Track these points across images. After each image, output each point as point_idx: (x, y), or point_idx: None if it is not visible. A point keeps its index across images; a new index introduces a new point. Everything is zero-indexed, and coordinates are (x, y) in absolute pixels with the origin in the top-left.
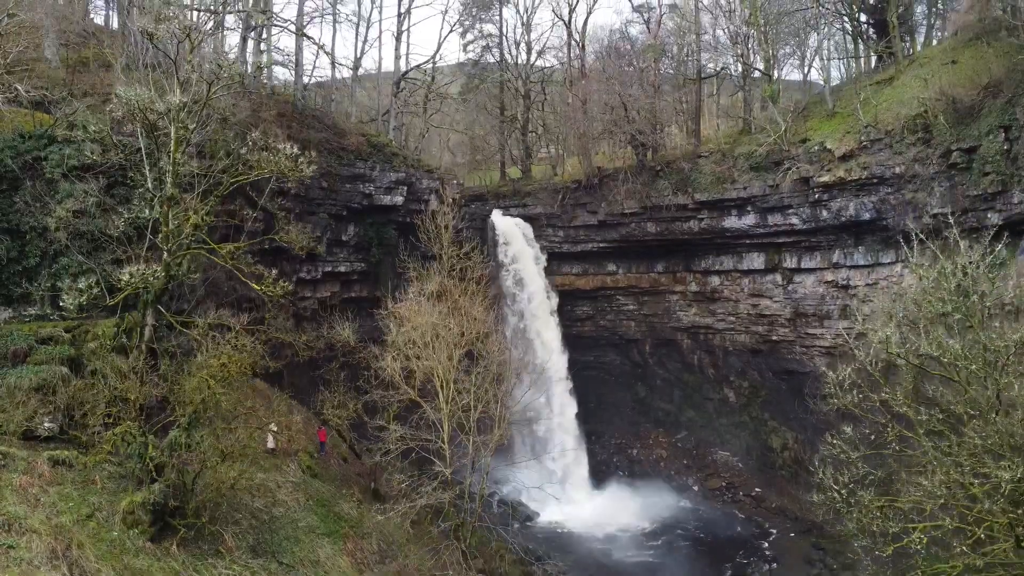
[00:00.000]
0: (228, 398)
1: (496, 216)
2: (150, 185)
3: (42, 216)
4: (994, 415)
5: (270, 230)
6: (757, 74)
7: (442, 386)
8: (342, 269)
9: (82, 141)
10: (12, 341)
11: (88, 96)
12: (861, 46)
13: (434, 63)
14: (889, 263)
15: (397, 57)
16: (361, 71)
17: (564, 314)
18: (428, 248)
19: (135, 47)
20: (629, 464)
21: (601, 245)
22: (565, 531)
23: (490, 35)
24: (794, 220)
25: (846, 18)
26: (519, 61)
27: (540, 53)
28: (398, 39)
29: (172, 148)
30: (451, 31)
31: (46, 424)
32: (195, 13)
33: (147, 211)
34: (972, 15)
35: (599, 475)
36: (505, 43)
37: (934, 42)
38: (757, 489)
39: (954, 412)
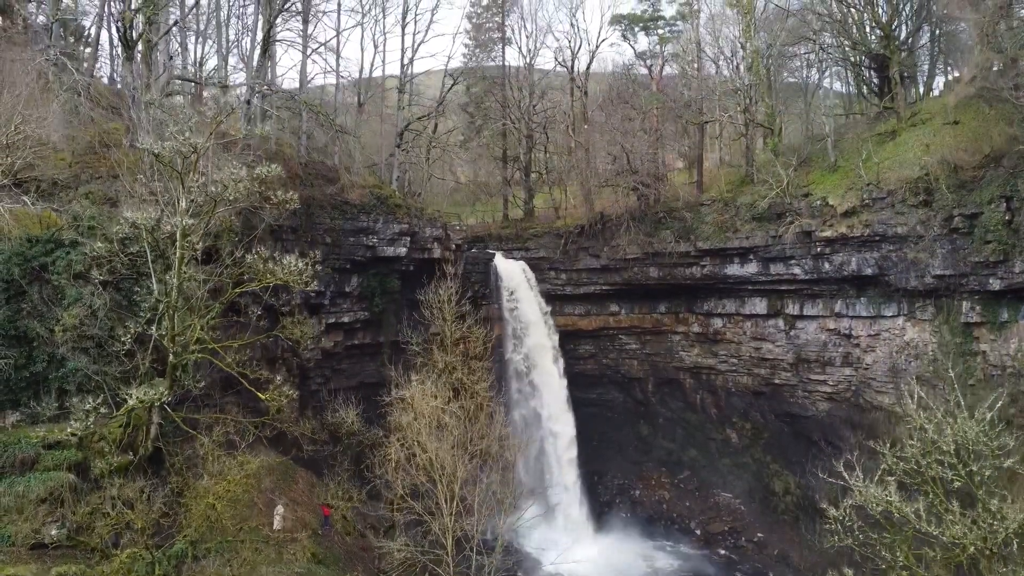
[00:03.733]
0: (234, 516)
1: (499, 260)
2: (156, 293)
3: (49, 321)
4: None
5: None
6: (760, 121)
7: (446, 500)
8: (346, 320)
9: (88, 251)
10: (19, 449)
11: (96, 180)
12: (863, 96)
13: (436, 115)
14: (891, 316)
15: (400, 107)
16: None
17: (566, 352)
18: (431, 322)
19: (137, 128)
20: (631, 505)
21: (604, 288)
22: None
23: (493, 77)
24: (796, 270)
25: (849, 62)
26: (522, 104)
27: (542, 95)
28: (400, 91)
29: (176, 264)
30: (454, 84)
31: (53, 532)
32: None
33: (153, 327)
34: (972, 87)
35: (602, 517)
36: (508, 85)
37: (939, 82)
38: (759, 534)
39: None
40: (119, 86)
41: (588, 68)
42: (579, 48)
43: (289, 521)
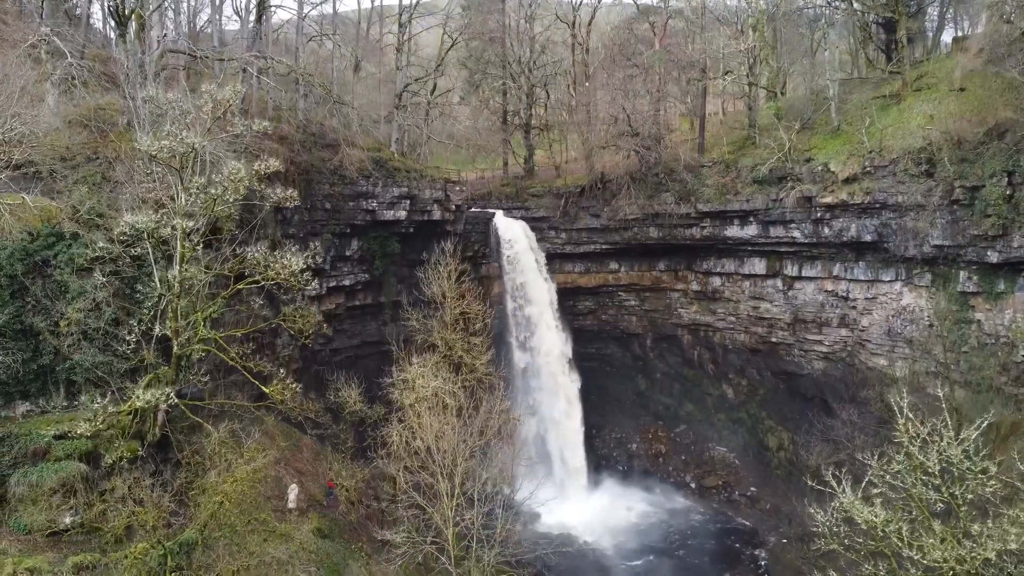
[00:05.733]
0: (242, 513)
1: (499, 219)
2: (159, 288)
3: (54, 315)
4: None
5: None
6: (763, 84)
7: (447, 494)
8: (346, 282)
9: (90, 249)
10: (31, 440)
11: (93, 163)
12: (868, 59)
13: (435, 76)
14: (889, 281)
15: (398, 68)
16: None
17: (566, 309)
18: (430, 296)
19: (135, 110)
20: (628, 459)
21: (604, 247)
22: (566, 533)
23: (492, 32)
24: (796, 234)
25: (855, 20)
26: (522, 58)
27: (543, 49)
28: (399, 50)
29: (177, 261)
30: (453, 44)
31: (67, 520)
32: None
33: (157, 326)
34: (979, 59)
35: (599, 471)
36: (508, 39)
37: (947, 36)
38: (752, 489)
39: None
40: (114, 45)
41: (591, 23)
42: (580, 3)
43: (303, 498)
